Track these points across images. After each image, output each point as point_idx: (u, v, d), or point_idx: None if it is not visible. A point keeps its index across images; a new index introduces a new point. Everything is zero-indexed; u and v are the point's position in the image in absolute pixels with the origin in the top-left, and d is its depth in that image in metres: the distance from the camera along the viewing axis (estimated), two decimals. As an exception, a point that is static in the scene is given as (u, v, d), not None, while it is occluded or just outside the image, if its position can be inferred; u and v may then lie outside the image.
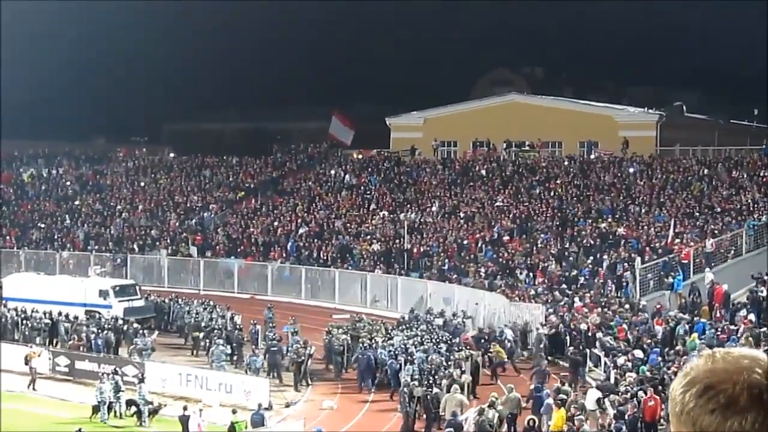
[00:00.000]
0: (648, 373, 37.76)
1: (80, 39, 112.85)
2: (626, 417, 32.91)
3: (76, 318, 53.85)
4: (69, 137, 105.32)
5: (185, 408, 38.25)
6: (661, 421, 32.90)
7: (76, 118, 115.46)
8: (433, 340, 45.94)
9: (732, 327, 42.98)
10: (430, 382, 38.78)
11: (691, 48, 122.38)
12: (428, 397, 37.69)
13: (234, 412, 37.74)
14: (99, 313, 55.44)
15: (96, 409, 40.91)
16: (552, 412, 34.67)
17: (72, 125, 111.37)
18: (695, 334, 42.25)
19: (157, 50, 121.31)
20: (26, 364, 46.81)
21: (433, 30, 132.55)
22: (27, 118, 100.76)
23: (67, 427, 38.15)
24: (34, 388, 46.05)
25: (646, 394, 34.73)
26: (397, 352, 44.13)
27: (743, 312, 45.59)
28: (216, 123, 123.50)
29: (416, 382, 38.82)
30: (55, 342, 52.78)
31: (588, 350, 44.42)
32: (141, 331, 51.58)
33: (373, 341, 46.43)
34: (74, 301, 56.99)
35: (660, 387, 34.54)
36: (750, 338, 39.12)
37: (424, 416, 37.86)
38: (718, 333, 42.12)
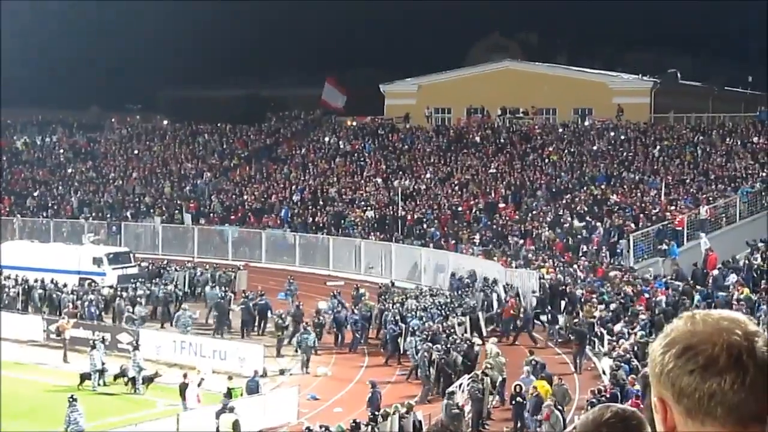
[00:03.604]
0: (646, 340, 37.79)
1: (74, 7, 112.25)
2: (620, 383, 32.98)
3: (54, 284, 53.97)
4: (63, 105, 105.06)
5: (185, 376, 38.17)
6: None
7: (70, 86, 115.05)
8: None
9: (721, 294, 43.01)
10: (448, 346, 38.88)
11: (686, 14, 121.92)
12: (443, 360, 37.94)
13: (230, 378, 37.80)
14: (93, 281, 55.54)
15: (83, 378, 40.85)
16: (532, 382, 34.59)
17: (66, 93, 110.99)
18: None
19: (152, 17, 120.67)
20: (58, 336, 46.71)
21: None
22: (20, 86, 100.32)
23: (60, 395, 38.27)
24: (66, 360, 45.74)
25: (639, 360, 34.78)
26: (401, 318, 44.30)
27: (732, 278, 45.69)
28: (211, 90, 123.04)
29: (435, 346, 38.94)
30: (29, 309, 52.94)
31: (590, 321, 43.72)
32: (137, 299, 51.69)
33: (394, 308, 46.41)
34: (68, 268, 56.98)
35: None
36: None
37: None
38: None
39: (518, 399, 33.73)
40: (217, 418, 33.00)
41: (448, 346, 39.02)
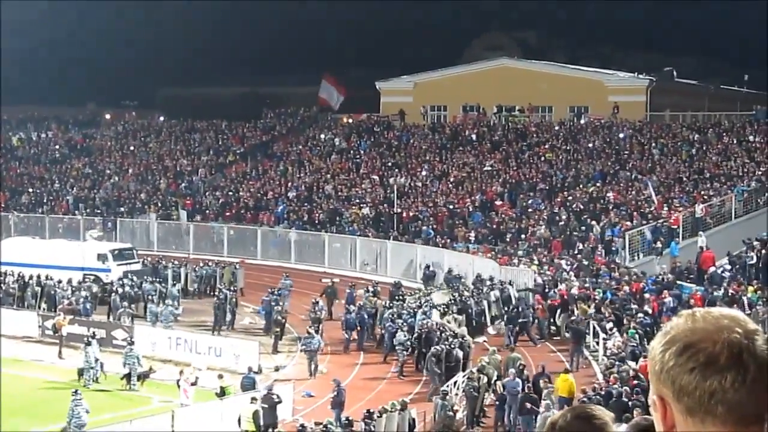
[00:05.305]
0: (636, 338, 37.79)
1: (71, 5, 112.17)
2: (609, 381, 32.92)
3: (51, 280, 53.93)
4: (59, 101, 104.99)
5: (181, 372, 38.03)
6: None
7: (66, 82, 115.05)
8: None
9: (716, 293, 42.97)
10: (450, 345, 38.81)
11: (683, 14, 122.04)
12: (446, 355, 38.09)
13: (220, 376, 37.62)
14: (97, 277, 55.59)
15: (81, 373, 40.79)
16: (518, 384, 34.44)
17: (62, 90, 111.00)
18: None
19: (149, 14, 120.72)
20: (55, 333, 46.57)
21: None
22: (16, 82, 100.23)
23: (56, 392, 38.24)
24: (61, 357, 45.61)
25: (636, 359, 34.72)
26: (398, 315, 44.37)
27: (727, 275, 45.74)
28: (206, 87, 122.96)
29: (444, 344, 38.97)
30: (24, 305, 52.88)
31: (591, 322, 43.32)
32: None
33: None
34: (72, 265, 56.88)
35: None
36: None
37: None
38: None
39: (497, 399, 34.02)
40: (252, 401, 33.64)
41: (451, 344, 38.87)
